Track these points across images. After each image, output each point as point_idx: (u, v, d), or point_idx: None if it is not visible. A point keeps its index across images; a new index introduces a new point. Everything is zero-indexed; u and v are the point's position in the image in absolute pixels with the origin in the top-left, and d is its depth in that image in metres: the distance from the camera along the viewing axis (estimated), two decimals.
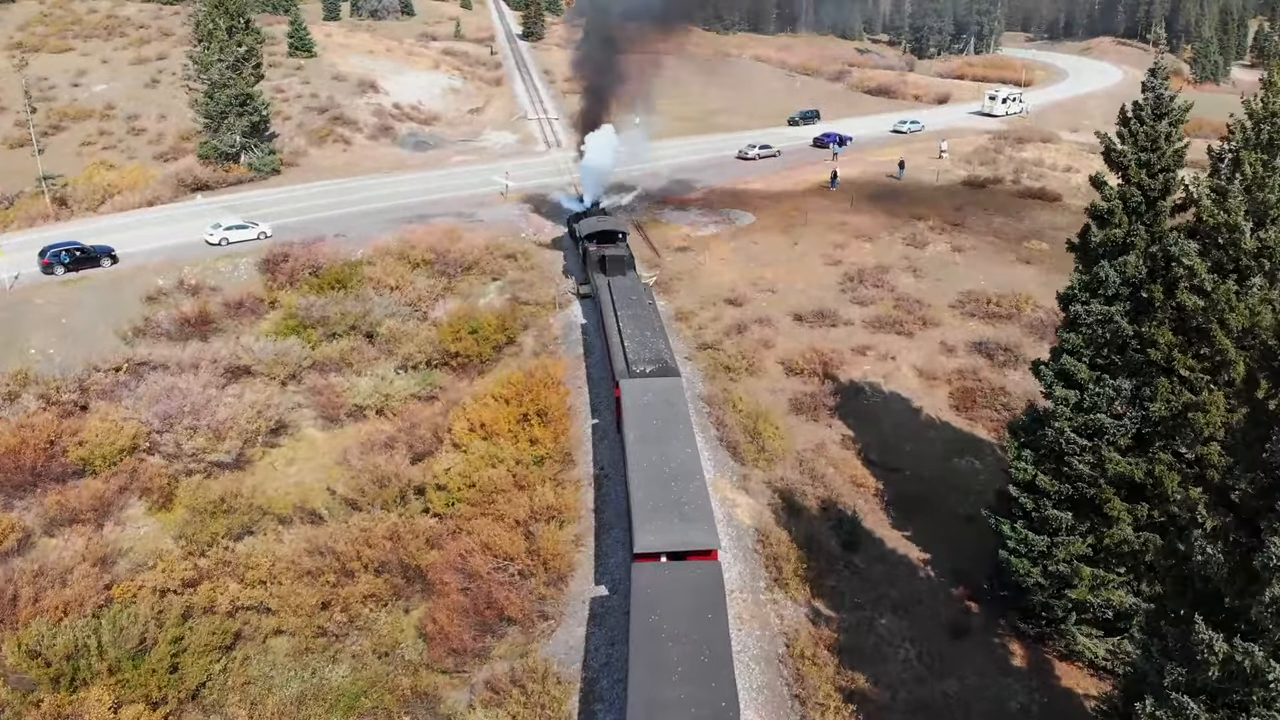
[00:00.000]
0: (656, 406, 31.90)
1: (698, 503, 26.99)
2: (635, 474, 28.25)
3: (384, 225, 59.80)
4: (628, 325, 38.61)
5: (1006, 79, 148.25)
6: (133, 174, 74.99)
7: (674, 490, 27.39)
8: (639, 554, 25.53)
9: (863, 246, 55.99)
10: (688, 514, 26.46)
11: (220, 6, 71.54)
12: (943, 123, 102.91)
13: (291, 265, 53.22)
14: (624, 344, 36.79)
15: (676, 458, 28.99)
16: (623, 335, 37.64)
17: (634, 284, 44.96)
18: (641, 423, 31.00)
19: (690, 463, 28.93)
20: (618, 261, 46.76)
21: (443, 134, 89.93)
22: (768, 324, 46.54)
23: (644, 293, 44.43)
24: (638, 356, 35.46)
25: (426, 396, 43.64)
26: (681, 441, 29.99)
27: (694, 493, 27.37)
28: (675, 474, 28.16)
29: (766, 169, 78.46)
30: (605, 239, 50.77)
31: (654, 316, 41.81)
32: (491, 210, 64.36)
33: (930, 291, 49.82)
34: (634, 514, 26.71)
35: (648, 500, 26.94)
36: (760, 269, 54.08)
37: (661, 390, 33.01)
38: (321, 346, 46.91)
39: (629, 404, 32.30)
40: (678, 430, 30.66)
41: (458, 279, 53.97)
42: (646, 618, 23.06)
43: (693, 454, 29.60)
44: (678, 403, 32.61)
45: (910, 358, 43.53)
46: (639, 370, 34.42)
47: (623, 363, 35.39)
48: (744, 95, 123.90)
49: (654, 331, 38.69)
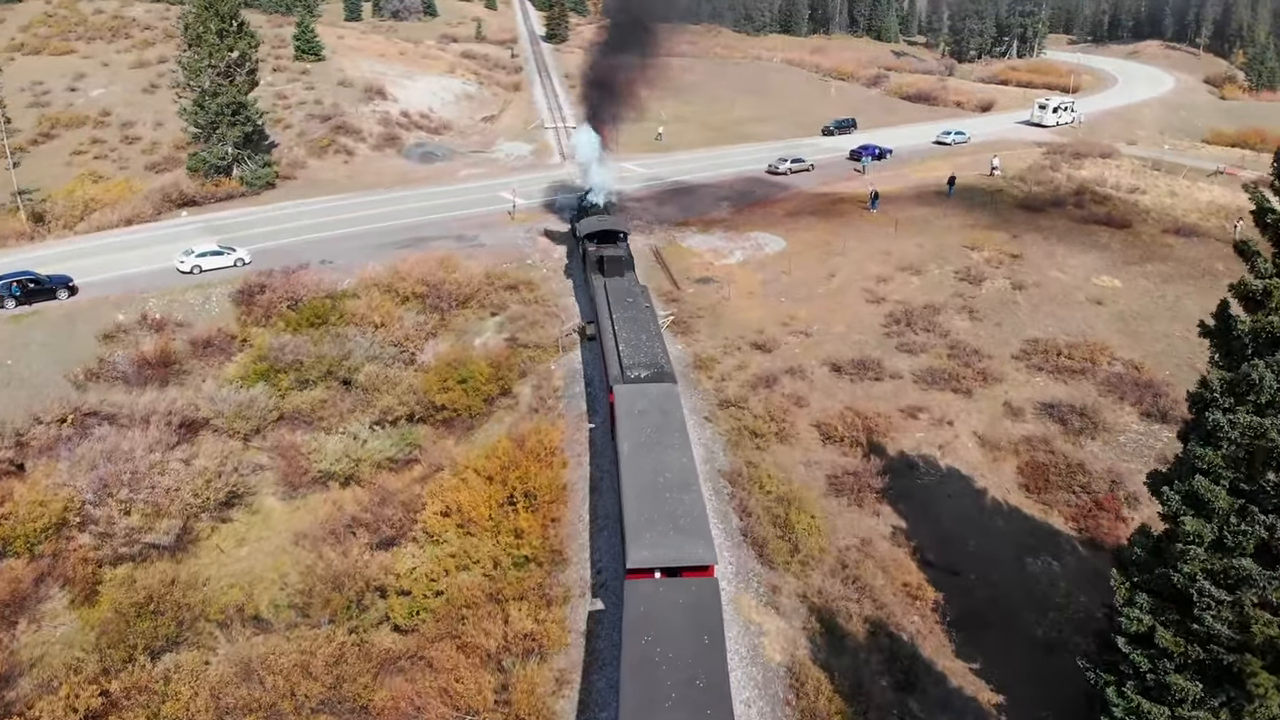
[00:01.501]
0: (651, 413, 30.66)
1: (694, 515, 25.72)
2: (629, 484, 27.03)
3: (376, 250, 54.17)
4: (623, 328, 37.09)
5: (1053, 85, 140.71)
6: (118, 188, 70.07)
7: (669, 502, 26.07)
8: (632, 570, 24.19)
9: (909, 281, 49.56)
10: (683, 527, 25.13)
11: (210, 8, 66.25)
12: (988, 133, 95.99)
13: (268, 297, 47.79)
14: (619, 348, 35.38)
15: (672, 467, 27.72)
16: (618, 338, 36.18)
17: (631, 285, 42.95)
18: (636, 430, 29.70)
19: (686, 472, 27.64)
20: (616, 262, 44.82)
21: (452, 144, 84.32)
22: (800, 376, 40.34)
23: (641, 295, 41.96)
24: (633, 361, 34.17)
25: (404, 460, 37.91)
26: (677, 450, 28.74)
27: (690, 504, 26.08)
28: (670, 484, 26.84)
29: (799, 185, 72.09)
30: (605, 239, 48.45)
31: (651, 319, 39.48)
32: (496, 233, 58.56)
33: (989, 338, 43.36)
34: (627, 527, 25.38)
35: (641, 512, 25.67)
36: (792, 306, 47.86)
37: (657, 396, 31.69)
38: (292, 396, 41.37)
39: (623, 410, 30.99)
40: (673, 438, 29.36)
41: (452, 314, 48.23)
42: (639, 639, 21.85)
43: (688, 463, 28.25)
44: (673, 409, 31.18)
45: (969, 422, 37.15)
46: (634, 375, 33.19)
47: (617, 367, 33.97)
48: (775, 102, 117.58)
49: (650, 335, 36.95)
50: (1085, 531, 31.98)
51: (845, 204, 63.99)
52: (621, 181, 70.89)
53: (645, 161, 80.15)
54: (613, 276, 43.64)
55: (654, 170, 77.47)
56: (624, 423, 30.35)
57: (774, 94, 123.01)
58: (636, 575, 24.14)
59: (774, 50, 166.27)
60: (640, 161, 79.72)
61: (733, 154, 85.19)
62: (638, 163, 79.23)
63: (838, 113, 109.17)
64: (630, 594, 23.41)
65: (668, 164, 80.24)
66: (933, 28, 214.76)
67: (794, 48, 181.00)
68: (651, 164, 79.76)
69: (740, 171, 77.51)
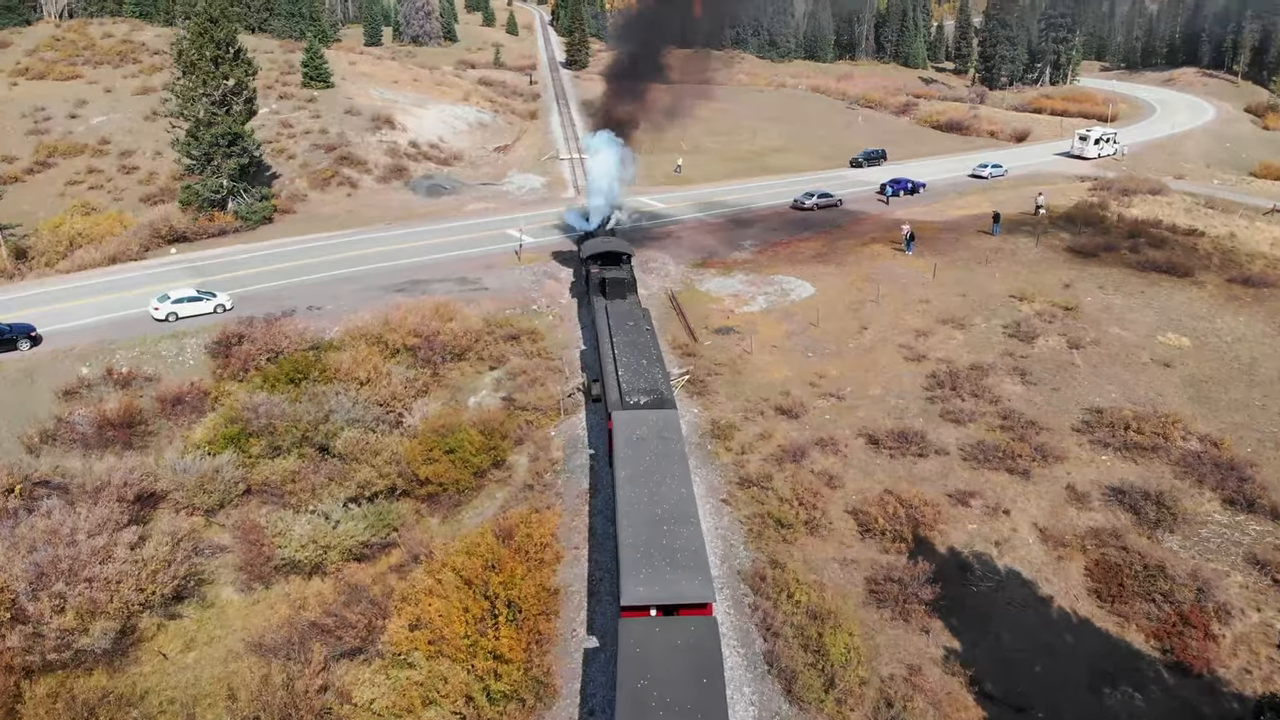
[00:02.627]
0: (650, 441, 29.72)
1: (692, 549, 24.69)
2: (624, 516, 26.00)
3: (369, 295, 50.09)
4: (623, 352, 36.07)
5: (1088, 114, 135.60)
6: (108, 221, 66.49)
7: (666, 534, 25.10)
8: (626, 607, 23.04)
9: (952, 336, 44.77)
10: (680, 562, 24.11)
11: (205, 34, 62.87)
12: (1026, 165, 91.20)
13: (247, 349, 43.71)
14: (618, 372, 34.36)
15: (670, 498, 26.75)
16: (617, 363, 35.18)
17: (632, 309, 41.90)
18: (634, 458, 28.72)
19: (685, 504, 26.63)
20: (618, 284, 43.89)
21: (461, 176, 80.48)
22: (832, 449, 35.59)
23: (643, 318, 40.95)
24: (631, 386, 33.12)
25: (381, 544, 33.44)
26: (676, 480, 27.69)
27: (688, 538, 25.07)
28: (668, 516, 25.90)
29: (826, 221, 67.54)
30: (609, 261, 47.44)
31: (651, 343, 38.20)
32: (501, 275, 54.34)
33: (1046, 406, 38.46)
34: (622, 561, 24.31)
35: (637, 546, 24.67)
36: (821, 363, 43.20)
37: (656, 423, 30.66)
38: (262, 465, 37.07)
39: (621, 438, 29.97)
40: (672, 467, 28.32)
41: (447, 368, 43.96)
42: (634, 682, 20.94)
43: (688, 494, 27.21)
44: (673, 437, 30.17)
45: (1029, 511, 32.23)
46: (632, 401, 32.18)
47: (616, 393, 32.89)
48: (800, 131, 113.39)
49: (650, 360, 35.75)
50: (1170, 653, 26.98)
51: (878, 245, 59.32)
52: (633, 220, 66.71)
53: (662, 196, 75.93)
54: (614, 299, 42.70)
55: (671, 205, 73.21)
56: (622, 450, 29.28)
57: (799, 122, 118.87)
58: (632, 613, 23.02)
59: (799, 77, 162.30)
60: (657, 195, 75.52)
61: (756, 187, 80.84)
62: (654, 197, 75.05)
63: (866, 142, 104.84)
64: (625, 633, 22.38)
65: (686, 198, 75.99)
66: (961, 54, 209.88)
67: (820, 74, 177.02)
68: (669, 198, 75.53)
69: (763, 207, 73.14)
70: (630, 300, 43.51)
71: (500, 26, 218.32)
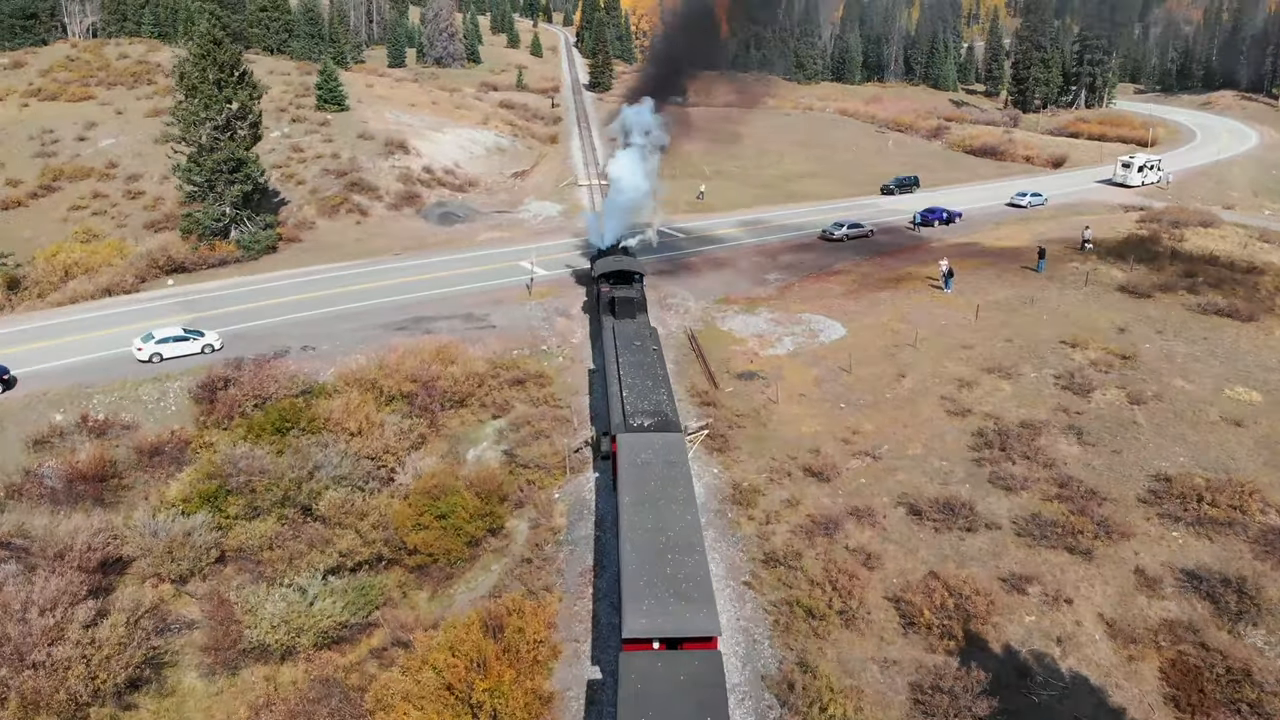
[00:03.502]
0: (655, 465, 29.04)
1: (697, 579, 24.02)
2: (628, 544, 25.37)
3: (369, 334, 46.95)
4: (629, 373, 35.46)
5: (1126, 138, 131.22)
6: (106, 249, 63.91)
7: (671, 564, 24.43)
8: (628, 640, 22.41)
9: (998, 387, 40.87)
10: (685, 593, 23.45)
11: (208, 56, 60.36)
12: (1066, 193, 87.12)
13: (234, 394, 40.60)
14: (623, 394, 33.78)
15: (675, 525, 26.10)
16: (622, 384, 34.57)
17: (640, 328, 41.27)
18: (638, 484, 28.12)
19: (690, 532, 25.98)
20: (627, 304, 43.37)
21: (476, 203, 77.50)
22: (869, 520, 31.82)
23: (650, 338, 40.35)
24: (636, 408, 32.54)
25: (361, 624, 30.00)
26: (681, 506, 27.02)
27: (693, 568, 24.44)
28: (673, 544, 25.27)
29: (857, 255, 63.82)
30: (621, 279, 46.73)
31: (658, 364, 37.45)
32: (510, 311, 51.06)
33: (1107, 471, 34.48)
34: (624, 592, 23.71)
35: (640, 575, 24.04)
36: (854, 415, 39.45)
37: (662, 447, 29.98)
38: (238, 528, 33.79)
39: (625, 462, 29.33)
40: (677, 493, 27.67)
41: (446, 416, 40.63)
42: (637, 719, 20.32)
43: (693, 521, 26.58)
44: (679, 461, 29.55)
45: (1094, 599, 28.29)
46: (637, 424, 31.57)
47: (620, 415, 32.38)
48: (828, 156, 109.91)
49: (656, 381, 35.10)
50: None
51: (914, 281, 55.55)
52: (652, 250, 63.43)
53: (684, 225, 72.56)
54: (623, 318, 42.22)
55: (693, 235, 69.81)
56: (625, 474, 28.58)
57: (827, 147, 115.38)
58: (634, 646, 22.33)
59: (827, 100, 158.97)
60: (678, 225, 72.18)
61: (782, 216, 77.30)
62: (675, 226, 71.70)
63: (896, 168, 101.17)
64: (626, 667, 21.64)
65: (709, 227, 72.57)
66: (992, 75, 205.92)
67: (848, 97, 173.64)
68: (690, 228, 72.15)
69: (790, 237, 69.57)
70: (639, 320, 42.72)
71: (525, 48, 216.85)
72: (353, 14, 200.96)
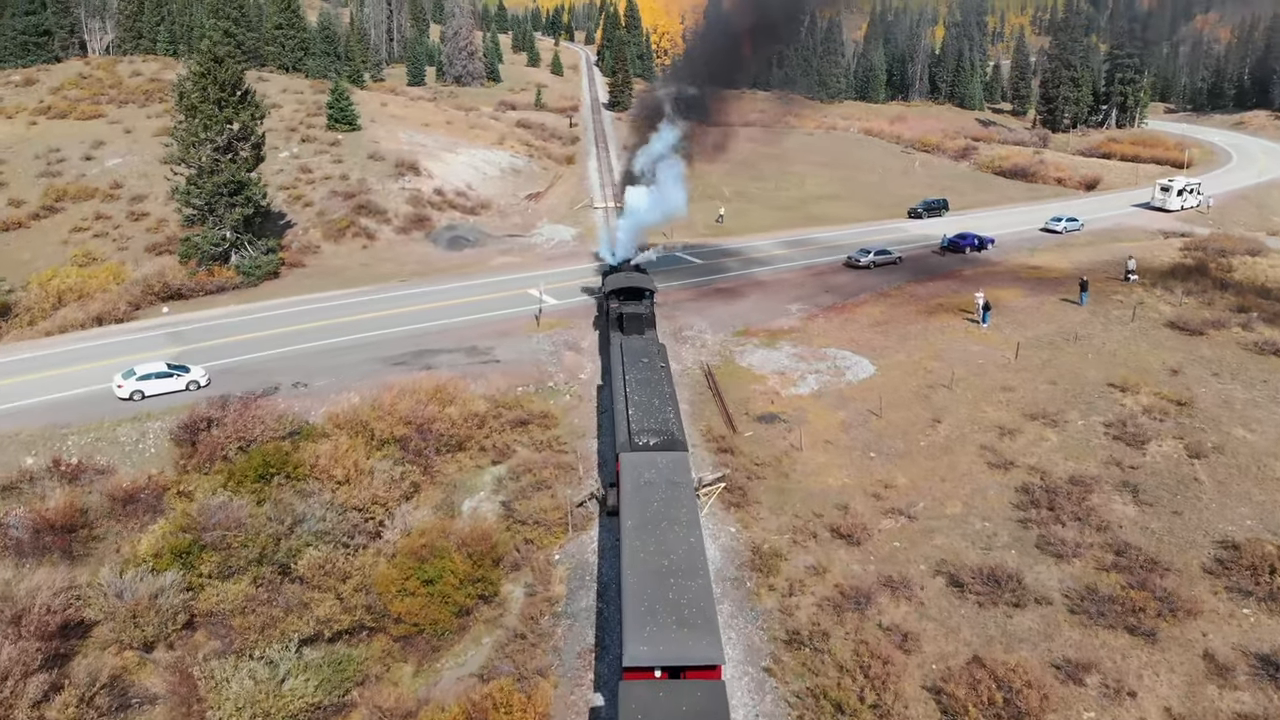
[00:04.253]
0: (659, 485, 28.50)
1: (700, 606, 23.16)
2: (629, 568, 24.75)
3: (366, 368, 44.20)
4: (635, 390, 34.89)
5: (1160, 159, 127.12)
6: (104, 274, 61.79)
7: (673, 589, 23.70)
8: (629, 668, 21.59)
9: (1043, 436, 37.48)
10: (688, 619, 22.63)
11: (208, 75, 58.18)
12: (1102, 218, 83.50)
13: (216, 436, 37.85)
14: (629, 411, 33.15)
15: (678, 549, 25.43)
16: (628, 401, 33.96)
17: (647, 345, 40.54)
18: (641, 505, 27.51)
19: (694, 556, 25.30)
20: (635, 320, 43.39)
21: (488, 226, 74.85)
22: (904, 592, 28.55)
23: (658, 354, 39.47)
24: (641, 426, 31.92)
25: (336, 705, 26.98)
26: (685, 529, 26.41)
27: (697, 593, 23.62)
28: (676, 569, 24.56)
29: (885, 283, 60.57)
30: (630, 296, 46.24)
31: (665, 381, 36.54)
32: (517, 344, 48.18)
33: (1167, 536, 31.02)
34: (626, 618, 22.94)
35: (642, 601, 23.22)
36: (886, 466, 36.18)
37: (666, 466, 29.51)
38: (210, 589, 30.93)
39: (628, 482, 28.81)
40: (681, 515, 27.07)
41: (442, 461, 37.70)
42: None
43: (697, 544, 25.93)
44: (683, 482, 29.00)
45: (1159, 690, 24.85)
46: (641, 442, 31.04)
47: (625, 433, 31.82)
48: (852, 177, 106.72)
49: (662, 399, 34.36)
50: None
51: (947, 314, 52.20)
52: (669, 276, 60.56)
53: (702, 250, 69.58)
54: (631, 335, 42.03)
55: (711, 261, 66.79)
56: (629, 495, 28.06)
57: (851, 168, 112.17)
58: (634, 675, 21.72)
59: (851, 119, 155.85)
60: (694, 250, 69.21)
61: (804, 240, 74.14)
62: (692, 251, 68.75)
63: (923, 189, 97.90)
64: (626, 697, 21.09)
65: (728, 252, 69.53)
66: (1019, 94, 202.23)
67: (872, 116, 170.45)
68: (709, 252, 69.15)
69: (813, 263, 66.39)
70: (647, 336, 42.49)
71: (545, 67, 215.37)
72: (373, 32, 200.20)
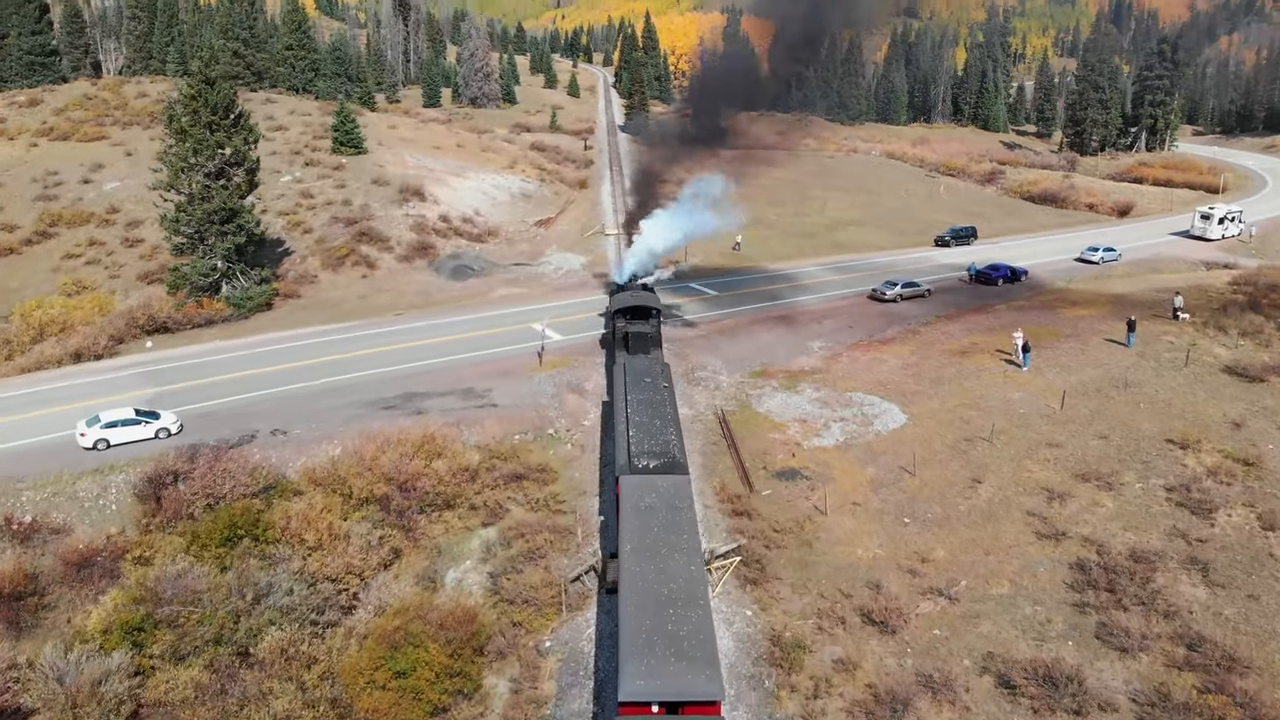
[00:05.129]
0: (659, 510, 27.51)
1: (700, 637, 22.13)
2: (627, 596, 23.66)
3: (352, 413, 40.86)
4: (637, 411, 33.99)
5: (1194, 184, 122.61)
6: (90, 304, 58.84)
7: (672, 619, 22.64)
8: (625, 703, 20.93)
9: (1097, 500, 33.56)
10: (687, 651, 21.71)
11: (198, 97, 55.39)
12: (1139, 246, 79.37)
13: (183, 491, 34.59)
14: (629, 432, 32.37)
15: (678, 576, 24.27)
16: (629, 422, 33.14)
17: (651, 365, 39.77)
18: (641, 530, 26.42)
19: (694, 584, 24.12)
20: (640, 339, 42.83)
21: (494, 255, 71.63)
22: (947, 694, 24.71)
23: (661, 374, 38.63)
24: (641, 449, 31.13)
25: None
26: (685, 556, 25.23)
27: (696, 623, 22.54)
28: (675, 597, 23.39)
29: (913, 318, 56.77)
30: (636, 315, 45.52)
31: (668, 401, 35.71)
32: (516, 385, 44.74)
33: (1243, 624, 27.06)
34: (622, 648, 21.97)
35: (639, 631, 22.24)
36: (922, 536, 32.35)
37: (666, 491, 28.71)
38: (160, 674, 27.48)
39: (627, 507, 27.94)
40: (681, 541, 25.87)
41: (426, 521, 34.19)
42: None
43: (697, 572, 24.80)
44: (684, 507, 28.04)
45: None
46: (641, 465, 30.27)
47: (625, 455, 31.00)
48: (875, 202, 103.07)
49: (664, 420, 33.56)
50: None
51: (982, 354, 48.35)
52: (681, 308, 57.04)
53: (716, 281, 66.06)
54: (636, 354, 41.45)
55: (726, 292, 63.22)
56: (628, 520, 27.29)
57: (873, 192, 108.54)
58: (630, 710, 21.11)
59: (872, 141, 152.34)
60: (710, 280, 65.70)
61: (826, 270, 70.49)
62: (706, 282, 65.22)
63: (949, 215, 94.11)
64: None
65: (745, 282, 65.96)
66: (1044, 116, 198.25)
67: (893, 138, 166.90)
68: (723, 283, 65.62)
69: (835, 295, 62.69)
70: (652, 356, 41.74)
71: (562, 88, 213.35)
72: (389, 52, 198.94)
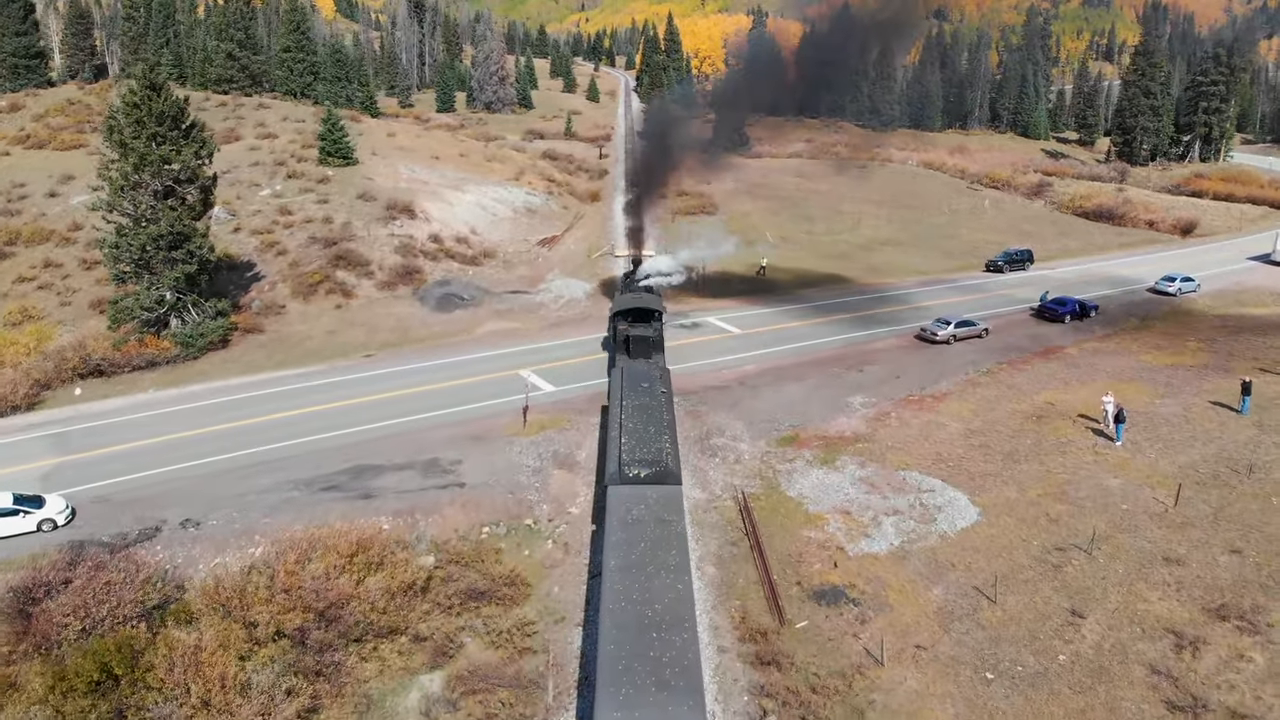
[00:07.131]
0: (648, 523, 25.64)
1: (684, 664, 20.47)
2: (608, 617, 21.94)
3: (283, 497, 33.05)
4: (630, 417, 32.08)
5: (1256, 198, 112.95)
6: (24, 341, 51.59)
7: (656, 644, 20.89)
8: None
9: (1241, 649, 24.95)
10: (668, 680, 19.85)
11: (141, 105, 47.96)
12: (1212, 273, 70.43)
13: (57, 609, 26.87)
14: (621, 439, 30.30)
15: (664, 596, 22.45)
16: (622, 429, 31.14)
17: (650, 369, 38.08)
18: (627, 544, 24.67)
19: (681, 604, 22.31)
20: (641, 343, 41.21)
21: (487, 280, 63.71)
22: None
23: (659, 379, 36.52)
24: (632, 456, 29.12)
25: None
26: (673, 574, 23.36)
27: (681, 649, 20.81)
28: (660, 620, 21.65)
29: (971, 364, 48.25)
30: (639, 317, 43.93)
31: (664, 408, 33.43)
32: (491, 454, 36.82)
33: None
34: (599, 678, 20.35)
35: (619, 656, 20.54)
36: (1012, 700, 23.95)
37: (656, 502, 26.70)
38: None
39: (614, 518, 26.11)
40: (670, 557, 24.00)
41: (357, 657, 26.22)
42: None
43: (685, 591, 22.86)
44: (674, 520, 25.92)
45: None
46: (632, 474, 28.33)
47: (615, 463, 29.01)
48: (914, 218, 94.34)
49: (659, 427, 31.21)
50: None
51: (1061, 419, 39.84)
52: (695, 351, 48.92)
53: (735, 314, 57.75)
54: (637, 357, 40.32)
55: (748, 329, 54.93)
56: (613, 534, 25.29)
57: (911, 207, 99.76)
58: None
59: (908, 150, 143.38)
60: (728, 314, 57.41)
61: (864, 300, 62.09)
62: (723, 315, 56.96)
63: (997, 234, 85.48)
64: None
65: (769, 317, 57.61)
66: (1086, 123, 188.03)
67: (928, 146, 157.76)
68: (745, 316, 57.30)
69: (877, 334, 54.27)
70: (653, 360, 40.40)
71: (581, 93, 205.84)
72: (403, 55, 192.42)
